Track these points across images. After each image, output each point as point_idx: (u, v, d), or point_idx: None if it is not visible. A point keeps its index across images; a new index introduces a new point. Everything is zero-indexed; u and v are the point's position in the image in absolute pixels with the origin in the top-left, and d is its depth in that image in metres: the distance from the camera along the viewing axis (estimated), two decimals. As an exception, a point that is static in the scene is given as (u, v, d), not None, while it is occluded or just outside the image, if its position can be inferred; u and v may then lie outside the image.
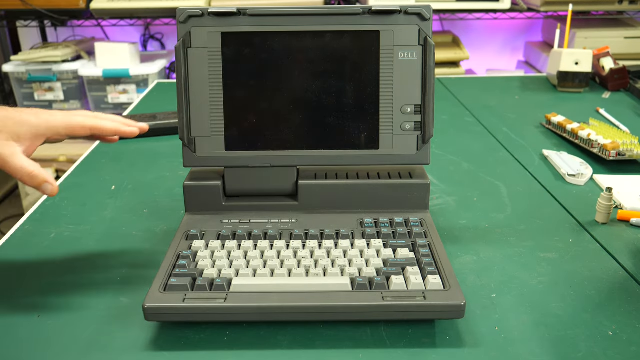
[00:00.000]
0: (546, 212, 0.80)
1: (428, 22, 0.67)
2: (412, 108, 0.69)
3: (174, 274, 0.58)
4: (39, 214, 0.81)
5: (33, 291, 0.63)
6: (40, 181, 0.59)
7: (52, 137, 0.62)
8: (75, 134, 0.62)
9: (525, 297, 0.61)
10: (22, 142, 0.59)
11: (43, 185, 0.60)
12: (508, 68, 2.55)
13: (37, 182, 0.59)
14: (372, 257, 0.61)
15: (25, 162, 0.59)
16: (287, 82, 0.68)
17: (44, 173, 0.60)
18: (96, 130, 0.63)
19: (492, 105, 1.29)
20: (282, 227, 0.68)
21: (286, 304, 0.55)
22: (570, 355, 0.53)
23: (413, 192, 0.71)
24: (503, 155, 1.01)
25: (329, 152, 0.70)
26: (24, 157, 0.59)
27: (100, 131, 0.63)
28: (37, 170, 0.59)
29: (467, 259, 0.69)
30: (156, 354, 0.54)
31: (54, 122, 0.61)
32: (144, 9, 1.98)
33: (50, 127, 0.61)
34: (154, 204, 0.83)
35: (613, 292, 0.62)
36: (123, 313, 0.59)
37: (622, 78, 1.36)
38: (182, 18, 0.67)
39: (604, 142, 0.94)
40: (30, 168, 0.59)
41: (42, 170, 0.60)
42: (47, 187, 0.60)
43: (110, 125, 0.64)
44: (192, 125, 0.69)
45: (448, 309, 0.55)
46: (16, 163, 0.58)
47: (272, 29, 0.67)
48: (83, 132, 0.62)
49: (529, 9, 2.10)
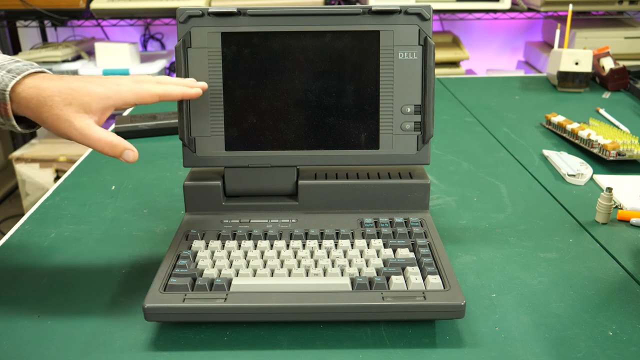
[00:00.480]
0: (546, 212, 0.80)
1: (428, 22, 0.67)
2: (412, 108, 0.69)
3: (174, 274, 0.58)
4: (39, 214, 0.81)
5: (33, 291, 0.63)
6: (121, 149, 0.58)
7: (120, 106, 0.60)
8: (143, 102, 0.61)
9: (525, 297, 0.61)
10: (92, 114, 0.58)
11: (124, 152, 0.59)
12: (508, 68, 2.55)
13: (118, 151, 0.58)
14: (372, 257, 0.61)
15: (103, 132, 0.58)
16: (287, 82, 0.68)
17: (123, 141, 0.58)
18: (164, 97, 0.61)
19: (492, 105, 1.29)
20: (282, 227, 0.68)
21: (286, 304, 0.55)
22: (570, 355, 0.53)
23: (413, 192, 0.71)
24: (503, 155, 1.01)
25: (329, 152, 0.70)
26: (100, 128, 0.58)
27: (169, 97, 0.62)
28: (117, 140, 0.58)
29: (467, 259, 0.69)
30: (156, 354, 0.54)
31: (122, 92, 0.59)
32: (144, 9, 1.98)
33: (119, 97, 0.59)
34: (154, 204, 0.83)
35: (613, 292, 0.62)
36: (123, 313, 0.59)
37: (622, 78, 1.36)
38: (182, 18, 0.67)
39: (604, 142, 0.94)
40: (110, 138, 0.58)
41: (121, 138, 0.59)
42: (129, 153, 0.59)
43: (177, 90, 0.62)
44: (192, 125, 0.69)
45: (448, 309, 0.55)
46: (94, 135, 0.57)
47: (272, 29, 0.67)
48: (151, 100, 0.61)
49: (529, 9, 2.10)
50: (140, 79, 0.62)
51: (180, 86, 0.63)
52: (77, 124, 0.57)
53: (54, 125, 0.57)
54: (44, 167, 2.07)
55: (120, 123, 1.10)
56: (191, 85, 0.64)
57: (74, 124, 0.57)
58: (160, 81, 0.63)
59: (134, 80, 0.61)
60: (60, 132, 0.58)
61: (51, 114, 0.57)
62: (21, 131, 0.60)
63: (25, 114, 0.58)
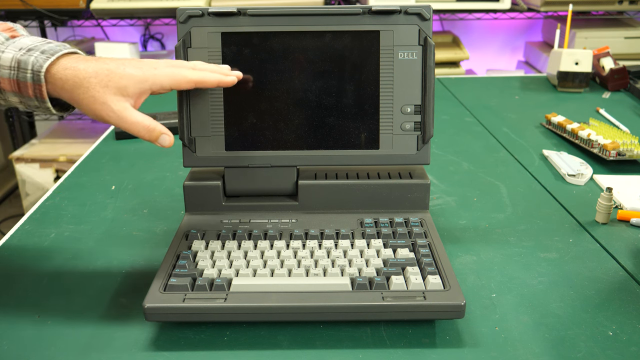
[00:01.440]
0: (546, 212, 0.80)
1: (428, 22, 0.67)
2: (412, 108, 0.69)
3: (174, 274, 0.58)
4: (39, 214, 0.81)
5: (33, 291, 0.63)
6: (157, 133, 0.58)
7: (156, 90, 0.60)
8: (179, 88, 0.60)
9: (525, 297, 0.61)
10: (129, 97, 0.57)
11: (161, 137, 0.59)
12: (508, 68, 2.55)
13: (155, 135, 0.58)
14: (372, 257, 0.61)
15: (140, 116, 0.58)
16: (287, 82, 0.68)
17: (159, 125, 0.58)
18: (200, 84, 0.61)
19: (492, 105, 1.29)
20: (282, 227, 0.68)
21: (286, 304, 0.55)
22: (570, 355, 0.53)
23: (413, 192, 0.71)
24: (503, 155, 1.00)
25: (329, 152, 0.70)
26: (136, 111, 0.58)
27: (204, 84, 0.61)
28: (154, 124, 0.58)
29: (467, 259, 0.69)
30: (156, 354, 0.54)
31: (159, 77, 0.59)
32: (144, 9, 1.98)
33: (156, 81, 0.58)
34: (154, 204, 0.83)
35: (613, 292, 0.62)
36: (123, 313, 0.59)
37: (622, 78, 1.36)
38: (182, 18, 0.67)
39: (604, 142, 0.94)
40: (147, 122, 0.58)
41: (157, 122, 0.58)
42: (165, 138, 0.59)
43: (213, 78, 0.61)
44: (192, 125, 0.69)
45: (448, 309, 0.55)
46: (132, 118, 0.57)
47: (272, 29, 0.67)
48: (187, 86, 0.60)
49: (529, 9, 2.10)
50: (177, 63, 0.61)
51: (216, 74, 0.62)
52: (114, 107, 0.57)
53: (90, 107, 0.57)
54: (44, 167, 2.07)
55: (120, 123, 1.10)
56: (226, 73, 0.63)
57: (110, 106, 0.56)
58: (196, 67, 0.62)
59: (171, 65, 0.60)
60: (97, 114, 0.57)
61: (87, 96, 0.56)
62: (55, 113, 0.60)
63: (60, 96, 0.58)
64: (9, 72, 0.56)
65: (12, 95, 0.58)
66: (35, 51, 0.57)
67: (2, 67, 0.56)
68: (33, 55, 0.56)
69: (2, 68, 0.56)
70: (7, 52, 0.56)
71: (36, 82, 0.56)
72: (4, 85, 0.57)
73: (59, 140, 2.19)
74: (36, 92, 0.57)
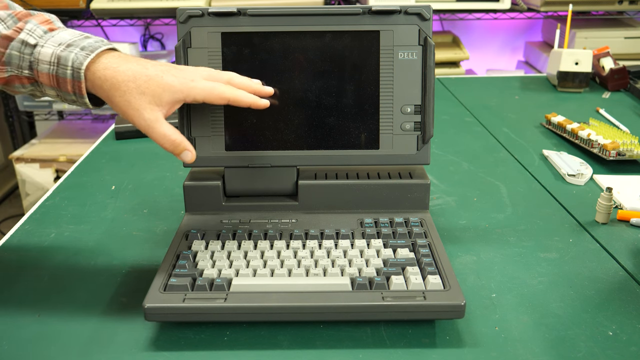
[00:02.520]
0: (546, 212, 0.80)
1: (428, 22, 0.67)
2: (412, 108, 0.69)
3: (174, 274, 0.58)
4: (39, 214, 0.81)
5: (33, 291, 0.63)
6: (182, 149, 0.59)
7: (189, 102, 0.60)
8: (212, 102, 0.61)
9: (525, 297, 0.61)
10: (163, 106, 0.58)
11: (184, 153, 0.60)
12: (508, 68, 2.54)
13: (179, 150, 0.59)
14: (372, 257, 0.61)
15: (168, 129, 0.58)
16: (287, 82, 0.68)
17: (185, 141, 0.59)
18: (233, 103, 0.61)
19: (492, 105, 1.29)
20: (282, 227, 0.68)
21: (286, 304, 0.55)
22: (570, 355, 0.53)
23: (413, 192, 0.71)
24: (503, 155, 1.00)
25: (329, 152, 0.70)
26: (166, 123, 0.59)
27: (237, 103, 0.61)
28: (180, 139, 0.59)
29: (467, 259, 0.69)
30: (156, 354, 0.54)
31: (195, 90, 0.59)
32: (144, 9, 1.98)
33: (191, 94, 0.59)
34: (154, 204, 0.83)
35: (613, 292, 0.62)
36: (123, 313, 0.59)
37: (622, 78, 1.36)
38: (182, 18, 0.67)
39: (604, 142, 0.94)
40: (174, 136, 0.59)
41: (183, 137, 0.59)
42: (187, 154, 0.60)
43: (247, 99, 0.61)
44: (192, 125, 0.69)
45: (448, 309, 0.55)
46: (160, 130, 0.58)
47: (272, 29, 0.67)
48: (220, 102, 0.60)
49: (529, 9, 2.10)
50: (214, 75, 0.61)
51: (251, 97, 0.62)
52: (146, 116, 0.57)
53: (123, 110, 0.58)
54: (44, 167, 2.07)
55: (120, 123, 1.10)
56: (260, 91, 0.63)
57: (143, 114, 0.57)
58: (232, 81, 0.62)
59: (208, 77, 0.61)
60: (128, 118, 0.58)
61: (123, 100, 0.57)
62: (92, 107, 0.61)
63: (96, 93, 0.59)
64: (49, 68, 0.57)
65: (50, 89, 0.59)
66: (74, 47, 0.57)
67: (41, 62, 0.57)
68: (73, 52, 0.57)
69: (42, 63, 0.57)
70: (46, 47, 0.57)
71: (76, 79, 0.57)
72: (43, 80, 0.58)
73: (59, 140, 2.19)
74: (75, 89, 0.58)
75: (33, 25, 0.58)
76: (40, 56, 0.57)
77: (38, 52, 0.57)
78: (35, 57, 0.57)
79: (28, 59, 0.57)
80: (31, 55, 0.57)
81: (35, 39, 0.58)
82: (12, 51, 0.57)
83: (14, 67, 0.58)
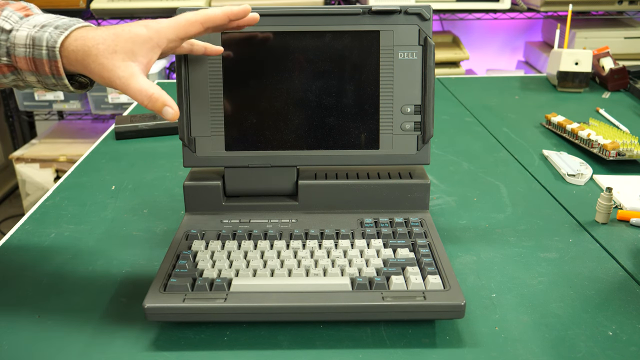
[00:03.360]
0: (546, 212, 0.80)
1: (428, 22, 0.67)
2: (412, 108, 0.69)
3: (174, 274, 0.58)
4: (39, 214, 0.81)
5: (33, 291, 0.63)
6: (160, 104, 0.56)
7: (166, 46, 0.58)
8: (188, 34, 0.58)
9: (525, 297, 0.61)
10: (139, 60, 0.56)
11: (164, 109, 0.56)
12: (508, 68, 2.55)
13: (158, 106, 0.56)
14: (372, 257, 0.61)
15: (145, 83, 0.56)
16: (287, 82, 0.68)
17: (164, 96, 0.56)
18: (207, 21, 0.58)
19: (492, 105, 1.29)
20: (282, 227, 0.68)
21: (286, 304, 0.55)
22: (570, 355, 0.53)
23: (413, 192, 0.71)
24: (503, 155, 1.00)
25: (329, 152, 0.70)
26: (143, 78, 0.56)
27: (212, 21, 0.58)
28: (158, 93, 0.55)
29: (467, 259, 0.69)
30: (156, 354, 0.54)
31: (163, 30, 0.57)
32: (144, 9, 1.98)
33: (161, 36, 0.56)
34: (154, 204, 0.83)
35: (613, 292, 0.62)
36: (123, 313, 0.59)
37: (622, 78, 1.36)
38: (182, 18, 0.67)
39: (604, 142, 0.94)
40: (150, 90, 0.55)
41: (162, 92, 0.56)
42: (168, 110, 0.56)
43: (219, 11, 0.58)
44: (192, 125, 0.69)
45: (448, 309, 0.55)
46: (135, 85, 0.55)
47: (272, 29, 0.67)
48: (194, 30, 0.58)
49: (529, 9, 2.10)
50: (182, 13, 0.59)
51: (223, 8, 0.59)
52: (121, 73, 0.55)
53: (100, 75, 0.56)
54: (44, 167, 2.07)
55: (120, 123, 1.10)
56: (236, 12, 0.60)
57: (117, 73, 0.55)
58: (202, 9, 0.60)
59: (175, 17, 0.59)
60: (106, 82, 0.56)
61: (97, 64, 0.55)
62: (73, 91, 0.59)
63: (74, 69, 0.57)
64: (25, 50, 0.56)
65: (30, 74, 0.57)
66: (48, 27, 0.56)
67: (17, 46, 0.56)
68: (47, 32, 0.56)
69: (18, 47, 0.56)
70: (21, 30, 0.56)
71: (52, 58, 0.56)
72: (21, 65, 0.57)
73: (59, 140, 2.19)
74: (52, 69, 0.56)
75: (9, 12, 0.57)
76: (16, 40, 0.56)
77: (14, 37, 0.56)
78: (12, 42, 0.56)
79: (5, 45, 0.56)
80: (7, 41, 0.56)
81: (10, 25, 0.56)
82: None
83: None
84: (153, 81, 1.94)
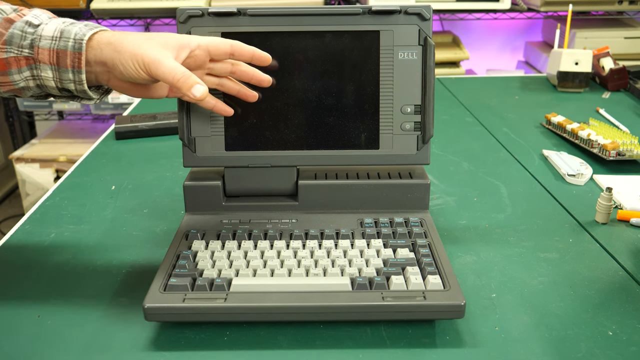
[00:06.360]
0: (546, 212, 0.80)
1: (428, 22, 0.67)
2: (412, 108, 0.69)
3: (174, 274, 0.58)
4: (39, 214, 0.81)
5: (33, 291, 0.63)
6: (192, 82, 0.57)
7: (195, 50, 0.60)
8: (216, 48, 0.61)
9: (525, 297, 0.61)
10: (170, 50, 0.58)
11: (194, 86, 0.57)
12: (508, 68, 2.54)
13: (189, 83, 0.57)
14: (372, 257, 0.61)
15: (175, 64, 0.58)
16: (287, 82, 0.68)
17: (194, 76, 0.58)
18: (236, 50, 0.62)
19: (492, 105, 1.29)
20: (282, 227, 0.68)
21: (286, 304, 0.55)
22: (570, 355, 0.53)
23: (413, 192, 0.71)
24: (503, 155, 1.01)
25: (329, 152, 0.70)
26: (175, 60, 0.58)
27: (239, 53, 0.62)
28: (188, 73, 0.57)
29: (467, 259, 0.69)
30: (156, 354, 0.54)
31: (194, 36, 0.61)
32: (144, 9, 1.98)
33: (191, 39, 0.60)
34: (154, 204, 0.83)
35: (613, 292, 0.62)
36: (123, 313, 0.59)
37: (622, 78, 1.36)
38: (182, 18, 0.67)
39: (604, 142, 0.94)
40: (181, 69, 0.57)
41: (191, 73, 0.58)
42: (199, 88, 0.57)
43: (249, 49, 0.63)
44: (192, 125, 0.69)
45: (448, 309, 0.55)
46: (167, 63, 0.57)
47: (272, 29, 0.67)
48: (224, 47, 0.61)
49: (529, 9, 2.10)
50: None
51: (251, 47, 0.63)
52: (154, 51, 0.57)
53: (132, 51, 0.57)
54: (44, 167, 2.07)
55: (120, 123, 1.10)
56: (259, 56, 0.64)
57: (151, 50, 0.57)
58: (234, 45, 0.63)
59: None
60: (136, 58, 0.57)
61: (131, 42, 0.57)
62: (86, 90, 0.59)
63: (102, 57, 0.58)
64: (50, 42, 0.57)
65: (48, 68, 0.58)
66: (79, 24, 0.59)
67: (43, 38, 0.57)
68: (77, 26, 0.58)
69: (44, 39, 0.57)
70: (50, 24, 0.58)
71: (77, 49, 0.57)
72: (42, 57, 0.58)
73: (59, 140, 2.19)
74: (74, 62, 0.57)
75: (38, 11, 0.60)
76: (43, 32, 0.57)
77: (42, 29, 0.57)
78: (38, 34, 0.57)
79: (30, 37, 0.57)
80: (34, 34, 0.57)
81: (39, 20, 0.58)
82: (15, 30, 0.57)
83: (15, 47, 0.57)
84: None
